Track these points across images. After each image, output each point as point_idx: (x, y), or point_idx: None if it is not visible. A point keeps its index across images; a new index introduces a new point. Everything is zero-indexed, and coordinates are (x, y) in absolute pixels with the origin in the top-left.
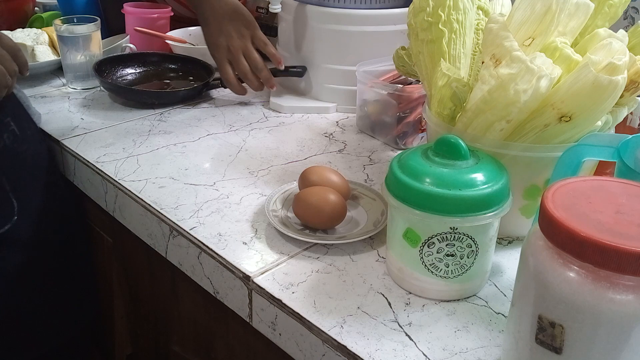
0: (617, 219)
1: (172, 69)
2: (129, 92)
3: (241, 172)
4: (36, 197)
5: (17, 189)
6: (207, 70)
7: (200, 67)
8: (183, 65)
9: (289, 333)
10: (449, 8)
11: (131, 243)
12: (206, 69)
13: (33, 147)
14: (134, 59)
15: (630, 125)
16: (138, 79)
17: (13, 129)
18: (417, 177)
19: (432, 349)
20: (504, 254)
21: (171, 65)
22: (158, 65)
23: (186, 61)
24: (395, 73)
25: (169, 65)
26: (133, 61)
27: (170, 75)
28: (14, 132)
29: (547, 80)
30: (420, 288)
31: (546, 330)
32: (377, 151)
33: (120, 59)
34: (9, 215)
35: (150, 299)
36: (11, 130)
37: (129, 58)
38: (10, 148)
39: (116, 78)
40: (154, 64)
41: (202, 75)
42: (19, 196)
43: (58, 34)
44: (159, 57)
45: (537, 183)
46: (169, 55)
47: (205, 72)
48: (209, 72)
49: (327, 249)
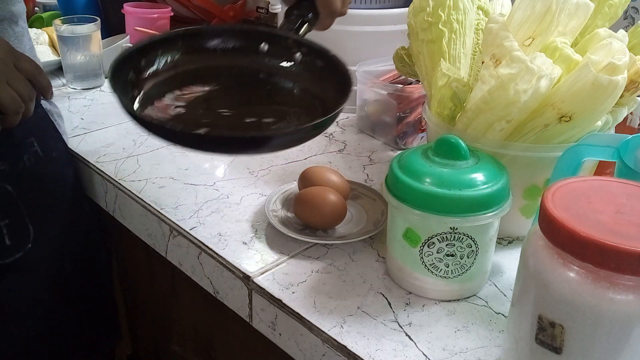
0: (617, 219)
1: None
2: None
3: (241, 172)
4: (56, 224)
5: (35, 215)
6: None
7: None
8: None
9: (289, 333)
10: (449, 8)
11: (131, 243)
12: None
13: (57, 169)
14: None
15: (630, 125)
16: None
17: (36, 150)
18: (417, 177)
19: (432, 349)
20: (504, 254)
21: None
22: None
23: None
24: (395, 73)
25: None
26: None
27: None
28: (37, 154)
29: (547, 80)
30: (420, 288)
31: (546, 330)
32: (377, 151)
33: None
34: (22, 242)
35: (150, 299)
36: (33, 151)
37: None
38: (31, 171)
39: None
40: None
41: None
42: (36, 222)
43: (58, 34)
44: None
45: (537, 183)
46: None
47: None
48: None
49: (327, 249)
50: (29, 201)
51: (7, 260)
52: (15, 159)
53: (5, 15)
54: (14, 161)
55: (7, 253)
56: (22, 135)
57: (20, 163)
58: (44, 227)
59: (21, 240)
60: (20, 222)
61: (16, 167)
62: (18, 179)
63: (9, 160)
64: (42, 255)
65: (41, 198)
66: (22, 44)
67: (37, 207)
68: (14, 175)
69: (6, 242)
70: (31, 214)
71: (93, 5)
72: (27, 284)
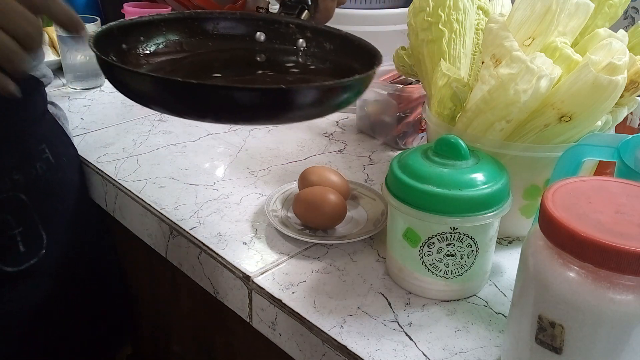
0: (617, 219)
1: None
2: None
3: (241, 172)
4: (68, 229)
5: (48, 221)
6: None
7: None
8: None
9: (289, 333)
10: (449, 8)
11: (131, 243)
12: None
13: (67, 175)
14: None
15: (630, 125)
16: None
17: (47, 157)
18: (417, 177)
19: (432, 349)
20: (504, 254)
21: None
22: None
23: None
24: (395, 73)
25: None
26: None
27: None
28: (48, 160)
29: (547, 80)
30: (420, 288)
31: (546, 330)
32: (377, 151)
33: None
34: (36, 249)
35: (150, 299)
36: (45, 158)
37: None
38: (43, 178)
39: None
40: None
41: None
42: (49, 229)
43: (58, 34)
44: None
45: (537, 183)
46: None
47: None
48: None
49: (327, 249)
50: (41, 208)
51: (22, 267)
52: (28, 168)
53: None
54: (28, 170)
55: (22, 260)
56: (35, 143)
57: (33, 172)
58: (56, 233)
59: (35, 247)
60: (33, 229)
61: (29, 175)
62: (31, 187)
63: (22, 170)
64: (56, 260)
65: (53, 204)
66: None
67: (50, 213)
68: (27, 183)
69: (20, 249)
70: (44, 221)
71: (93, 5)
72: (42, 289)
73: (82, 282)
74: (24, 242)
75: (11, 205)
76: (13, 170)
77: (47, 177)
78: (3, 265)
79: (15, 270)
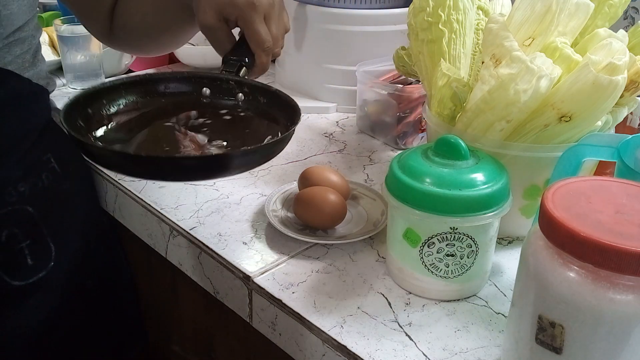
0: (617, 219)
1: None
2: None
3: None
4: (76, 239)
5: (56, 233)
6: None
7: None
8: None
9: (289, 333)
10: (449, 8)
11: (131, 243)
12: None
13: (75, 184)
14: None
15: (630, 125)
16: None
17: (53, 166)
18: (417, 177)
19: (432, 349)
20: (504, 254)
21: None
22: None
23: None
24: (395, 73)
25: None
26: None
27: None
28: (54, 170)
29: (547, 80)
30: (420, 288)
31: (546, 330)
32: (377, 151)
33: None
34: (45, 261)
35: (150, 299)
36: (51, 167)
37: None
38: (50, 189)
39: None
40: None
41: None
42: (57, 239)
43: (58, 34)
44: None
45: (537, 183)
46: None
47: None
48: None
49: (327, 249)
50: (48, 219)
51: (31, 280)
52: (34, 179)
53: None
54: (34, 181)
55: (31, 273)
56: (40, 153)
57: (39, 182)
58: (64, 243)
59: (44, 260)
60: (41, 241)
61: (35, 187)
62: (37, 198)
63: (28, 181)
64: (65, 272)
65: (60, 214)
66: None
67: (57, 224)
68: (33, 195)
69: (29, 262)
70: (51, 232)
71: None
72: (52, 300)
73: (92, 294)
74: (32, 255)
75: (18, 218)
76: (19, 182)
77: (53, 187)
78: (11, 280)
79: (24, 284)
